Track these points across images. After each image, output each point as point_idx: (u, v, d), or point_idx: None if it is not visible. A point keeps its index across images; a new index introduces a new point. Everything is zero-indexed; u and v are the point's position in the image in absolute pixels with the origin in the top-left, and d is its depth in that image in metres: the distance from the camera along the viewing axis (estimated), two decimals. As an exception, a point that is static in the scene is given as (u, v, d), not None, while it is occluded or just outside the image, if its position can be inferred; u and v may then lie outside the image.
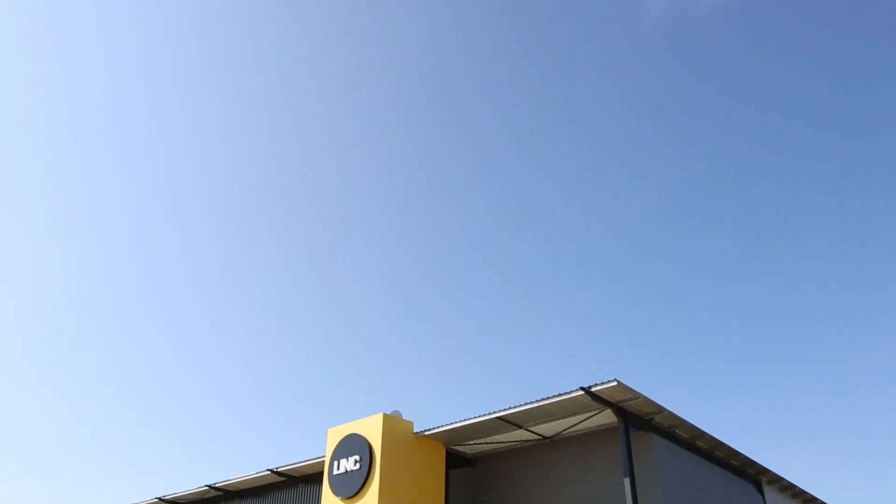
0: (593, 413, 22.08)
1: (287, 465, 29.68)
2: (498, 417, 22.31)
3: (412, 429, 24.65)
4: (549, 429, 23.92)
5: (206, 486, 34.52)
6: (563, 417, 22.57)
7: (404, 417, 24.73)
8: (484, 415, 22.53)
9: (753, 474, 29.11)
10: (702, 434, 23.86)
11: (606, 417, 22.61)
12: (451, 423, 23.49)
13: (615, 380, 19.56)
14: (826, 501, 34.57)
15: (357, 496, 23.23)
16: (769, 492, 30.26)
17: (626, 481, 20.19)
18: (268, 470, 30.44)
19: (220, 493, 35.30)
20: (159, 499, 38.59)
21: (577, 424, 23.38)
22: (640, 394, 20.36)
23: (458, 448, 26.12)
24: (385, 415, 23.87)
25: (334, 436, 25.30)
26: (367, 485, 23.02)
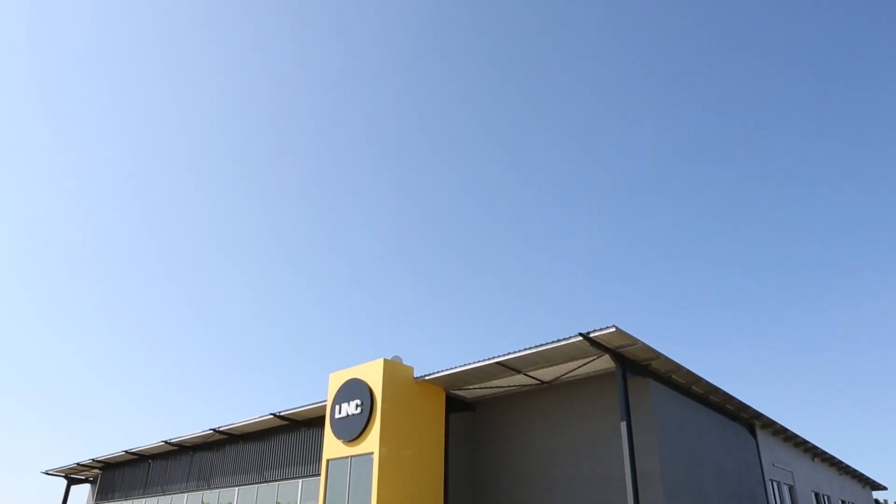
0: (591, 358, 22.32)
1: (289, 410, 30.19)
2: (497, 362, 22.55)
3: (412, 374, 24.97)
4: (547, 374, 24.23)
5: (211, 429, 35.22)
6: (561, 363, 22.82)
7: (405, 363, 25.02)
8: (483, 360, 22.78)
9: (747, 419, 29.67)
10: (697, 379, 24.18)
11: (604, 363, 22.88)
12: (451, 368, 23.78)
13: (613, 326, 19.68)
14: (816, 444, 35.40)
15: (358, 439, 23.69)
16: (762, 435, 30.91)
17: (623, 425, 20.54)
18: (270, 414, 30.99)
19: (225, 437, 36.05)
20: (165, 442, 39.44)
21: (575, 370, 23.67)
22: (638, 340, 20.52)
23: (457, 392, 26.51)
24: (385, 360, 24.14)
25: (335, 381, 25.64)
26: (368, 428, 23.45)
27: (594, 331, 20.13)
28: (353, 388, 24.47)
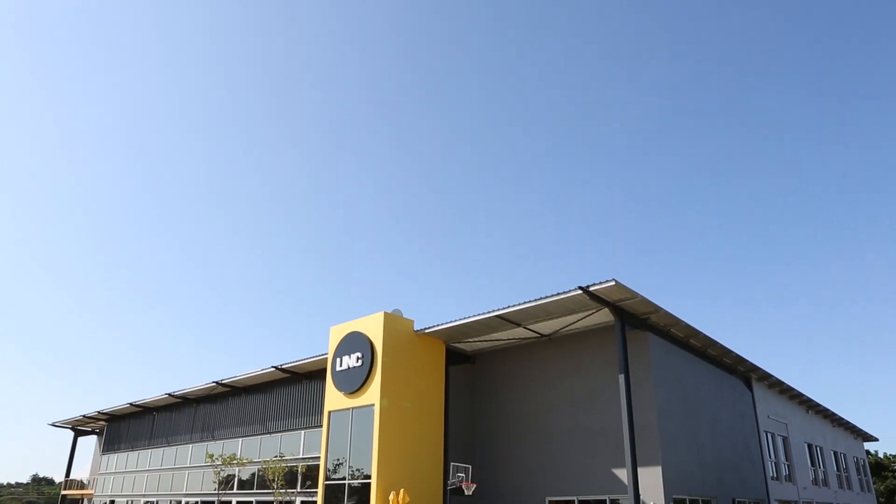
0: (591, 312, 22.40)
1: (291, 363, 30.49)
2: (497, 316, 22.64)
3: (412, 327, 25.11)
4: (547, 327, 24.36)
5: (214, 382, 35.65)
6: (560, 316, 22.91)
7: (405, 316, 25.13)
8: (483, 313, 22.87)
9: (744, 372, 29.99)
10: (696, 333, 24.33)
11: (603, 316, 22.97)
12: (451, 322, 23.90)
13: (613, 280, 19.69)
14: (811, 397, 35.88)
15: (359, 391, 23.96)
16: (758, 388, 31.29)
17: (621, 378, 20.75)
18: (272, 367, 31.31)
19: (227, 389, 36.51)
20: (169, 394, 39.98)
21: (574, 323, 23.79)
22: (638, 293, 20.56)
23: (457, 345, 26.71)
24: (386, 313, 24.23)
25: (336, 334, 25.81)
26: (368, 380, 23.70)
27: (594, 284, 20.14)
28: (354, 341, 24.64)
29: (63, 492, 57.69)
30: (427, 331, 24.79)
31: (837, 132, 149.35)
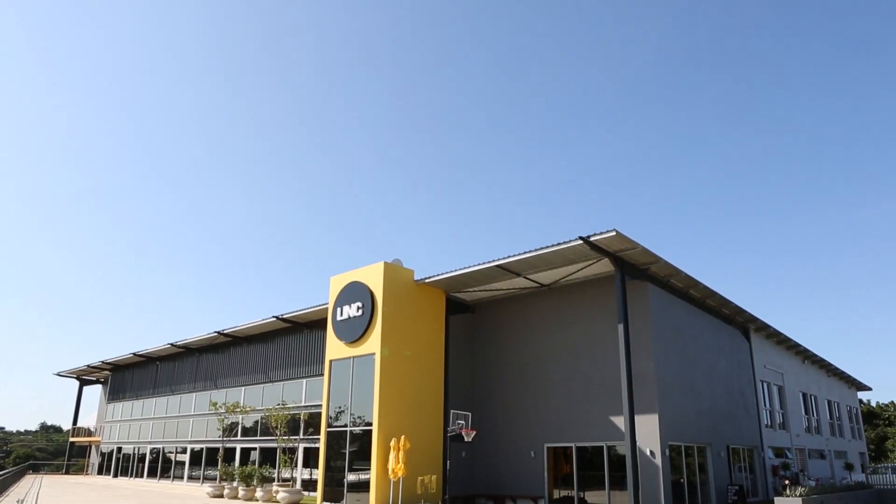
0: (591, 262, 22.37)
1: (291, 312, 30.65)
2: (497, 265, 22.62)
3: (412, 276, 25.13)
4: (546, 277, 24.38)
5: (216, 332, 35.94)
6: (560, 266, 22.89)
7: (405, 266, 25.12)
8: (483, 263, 22.84)
9: (742, 322, 30.18)
10: (695, 283, 24.36)
11: (603, 267, 22.96)
12: (451, 271, 23.90)
13: (614, 230, 19.57)
14: (807, 347, 36.23)
15: (360, 340, 24.13)
16: (756, 339, 31.55)
17: (620, 327, 20.85)
18: (273, 317, 31.49)
19: (229, 339, 36.83)
20: (171, 344, 40.37)
21: (574, 273, 23.79)
22: (638, 244, 20.46)
23: (457, 295, 26.79)
24: (386, 263, 24.21)
25: (336, 284, 25.85)
26: (369, 330, 23.84)
27: (594, 234, 20.03)
28: (354, 291, 24.70)
29: (71, 439, 58.89)
30: (427, 280, 24.82)
31: (842, 81, 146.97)
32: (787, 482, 23.58)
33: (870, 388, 50.45)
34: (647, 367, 22.04)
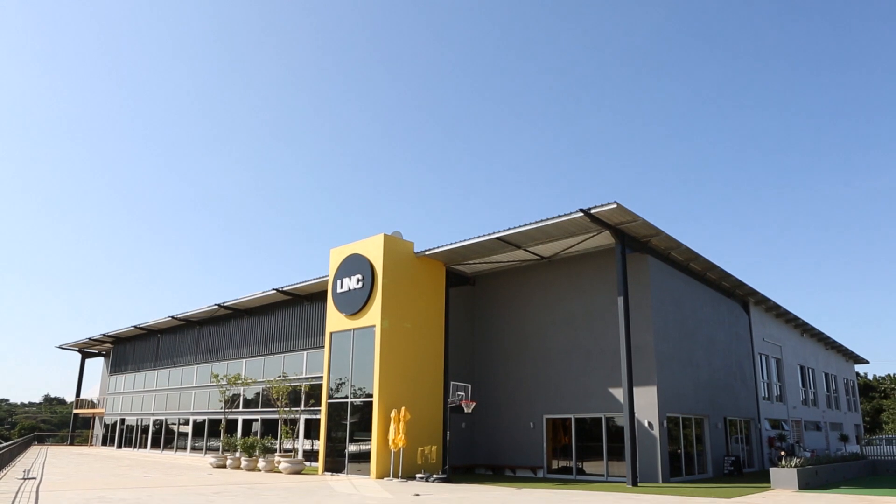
0: (591, 235, 22.35)
1: (292, 285, 30.71)
2: (497, 238, 22.60)
3: (412, 249, 25.12)
4: (546, 249, 24.38)
5: (216, 304, 36.05)
6: (560, 238, 22.87)
7: (405, 238, 25.10)
8: (483, 235, 22.82)
9: (742, 295, 30.25)
10: (696, 256, 24.36)
11: (604, 239, 22.94)
12: (451, 244, 23.89)
13: (615, 202, 19.52)
14: (806, 321, 36.38)
15: (360, 312, 24.21)
16: (755, 312, 31.65)
17: (620, 300, 20.92)
18: (273, 289, 31.56)
19: (230, 312, 36.97)
20: (172, 317, 40.54)
21: (574, 246, 23.78)
22: (639, 216, 20.43)
23: (457, 267, 26.82)
24: (386, 235, 24.19)
25: (336, 256, 25.85)
26: (369, 302, 23.90)
27: (595, 207, 20.00)
28: (354, 263, 24.72)
29: (74, 411, 59.42)
30: (427, 253, 24.82)
31: (841, 58, 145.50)
32: (782, 453, 23.83)
33: (867, 362, 50.78)
34: (647, 339, 22.15)
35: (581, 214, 20.29)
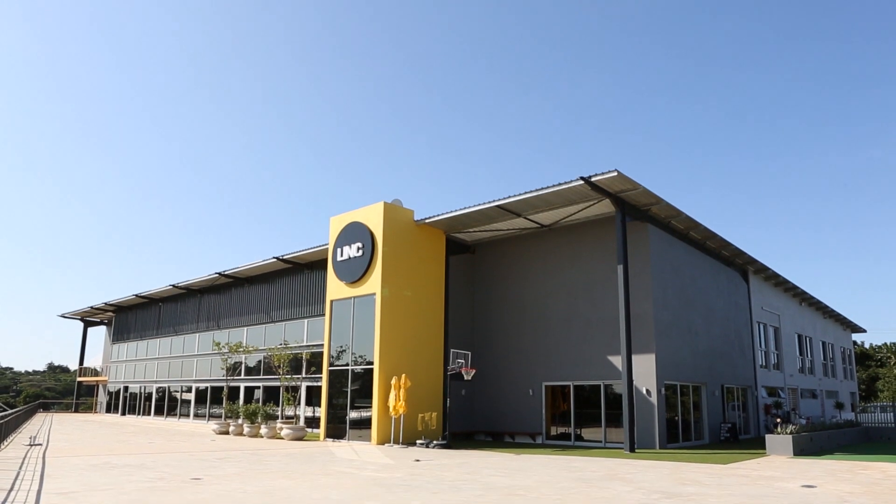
0: (591, 203, 22.29)
1: (292, 253, 30.74)
2: (497, 205, 22.55)
3: (413, 217, 25.08)
4: (547, 217, 24.34)
5: (217, 273, 36.14)
6: (561, 206, 22.82)
7: (405, 206, 25.04)
8: (483, 203, 22.77)
9: (742, 264, 30.29)
10: (696, 225, 24.33)
11: (604, 207, 22.89)
12: (452, 211, 23.84)
13: (615, 170, 19.43)
14: (805, 290, 36.50)
15: (360, 280, 24.27)
16: (754, 280, 31.73)
17: (620, 268, 20.95)
18: (273, 258, 31.60)
19: (230, 280, 37.08)
20: (173, 285, 40.67)
21: (574, 214, 23.74)
22: (639, 184, 20.35)
23: (457, 235, 26.81)
24: (386, 203, 24.12)
25: (336, 224, 25.82)
26: (369, 270, 23.94)
27: (595, 175, 19.92)
28: (355, 231, 24.70)
29: (78, 379, 59.99)
30: (427, 221, 24.79)
31: (843, 25, 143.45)
32: (778, 420, 24.09)
33: (864, 330, 51.06)
34: (646, 307, 22.25)
35: (581, 182, 20.22)
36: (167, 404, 42.74)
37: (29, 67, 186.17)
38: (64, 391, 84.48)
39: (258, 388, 34.21)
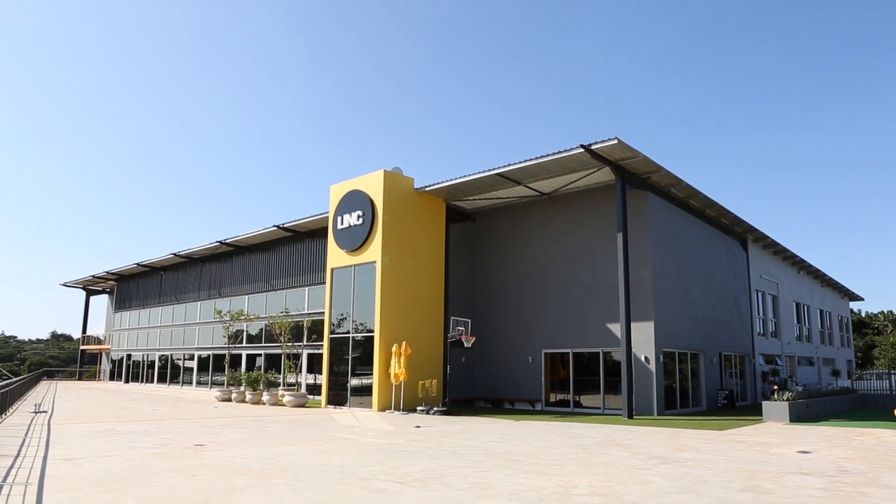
0: (591, 171, 22.20)
1: (292, 221, 30.72)
2: (497, 174, 22.46)
3: (413, 185, 25.00)
4: (547, 186, 24.26)
5: (217, 241, 36.18)
6: (561, 175, 22.73)
7: (405, 174, 24.94)
8: (484, 171, 22.67)
9: (741, 233, 30.29)
10: (696, 193, 24.26)
11: (604, 175, 22.80)
12: (452, 179, 23.76)
13: (615, 138, 19.31)
14: (804, 258, 36.58)
15: (361, 248, 24.29)
16: (753, 249, 31.77)
17: (619, 236, 20.96)
18: (274, 226, 31.59)
19: (231, 248, 37.13)
20: (174, 254, 40.74)
21: (574, 182, 23.66)
22: (639, 152, 20.24)
23: (458, 203, 26.75)
24: (386, 171, 24.02)
25: (337, 192, 25.75)
26: (370, 238, 23.95)
27: (596, 143, 19.80)
28: (355, 200, 24.65)
29: (81, 347, 60.44)
30: (427, 189, 24.72)
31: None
32: (775, 387, 24.34)
33: (862, 299, 51.29)
34: (645, 275, 22.31)
35: (582, 150, 20.11)
36: (170, 372, 43.14)
37: (32, 38, 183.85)
38: (67, 359, 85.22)
39: (260, 355, 34.49)
